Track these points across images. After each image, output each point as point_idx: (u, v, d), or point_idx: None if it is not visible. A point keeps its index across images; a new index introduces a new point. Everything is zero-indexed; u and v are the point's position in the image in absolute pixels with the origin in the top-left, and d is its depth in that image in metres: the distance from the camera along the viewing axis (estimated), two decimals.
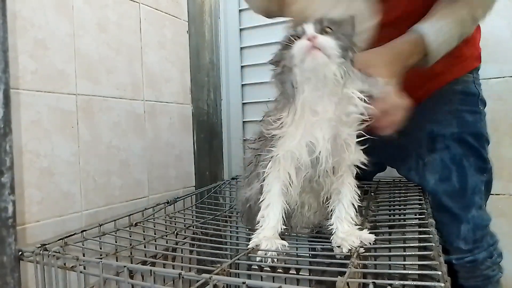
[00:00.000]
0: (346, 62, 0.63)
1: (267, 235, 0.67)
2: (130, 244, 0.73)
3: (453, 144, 0.89)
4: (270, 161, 0.68)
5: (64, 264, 0.62)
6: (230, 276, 0.53)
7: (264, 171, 0.68)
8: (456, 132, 0.89)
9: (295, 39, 0.64)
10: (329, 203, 0.70)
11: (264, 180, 0.69)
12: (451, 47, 0.79)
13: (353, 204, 0.70)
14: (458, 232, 0.88)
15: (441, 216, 0.88)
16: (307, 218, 0.76)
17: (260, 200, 0.69)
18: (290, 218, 0.74)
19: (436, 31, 0.76)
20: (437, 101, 0.92)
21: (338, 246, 0.66)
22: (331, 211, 0.70)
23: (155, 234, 0.86)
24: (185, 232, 0.87)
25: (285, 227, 0.70)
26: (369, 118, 0.65)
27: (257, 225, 0.69)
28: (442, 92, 0.92)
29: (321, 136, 0.63)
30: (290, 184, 0.68)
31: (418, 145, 0.93)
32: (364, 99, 0.64)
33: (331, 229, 0.69)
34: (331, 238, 0.68)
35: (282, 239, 0.70)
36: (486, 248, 0.89)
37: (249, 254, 0.65)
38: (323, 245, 0.71)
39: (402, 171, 1.01)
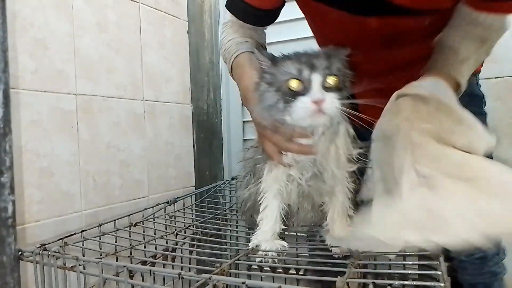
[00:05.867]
0: (343, 108, 0.58)
1: (266, 236, 0.67)
2: (130, 244, 0.73)
3: None
4: (265, 164, 0.69)
5: (64, 264, 0.62)
6: (230, 276, 0.53)
7: (262, 173, 0.69)
8: None
9: (298, 79, 0.58)
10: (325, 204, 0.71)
11: (260, 181, 0.70)
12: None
13: (352, 203, 0.70)
14: None
15: None
16: (306, 216, 0.76)
17: (259, 202, 0.70)
18: (289, 217, 0.74)
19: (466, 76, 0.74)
20: None
21: (336, 246, 0.66)
22: (327, 211, 0.71)
23: (155, 234, 0.86)
24: (185, 232, 0.87)
25: (284, 226, 0.71)
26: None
27: (257, 227, 0.70)
28: None
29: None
30: (287, 186, 0.68)
31: None
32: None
33: (328, 229, 0.69)
34: None
35: (282, 239, 0.70)
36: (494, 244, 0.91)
37: (248, 254, 0.65)
38: (322, 245, 0.71)
39: None
